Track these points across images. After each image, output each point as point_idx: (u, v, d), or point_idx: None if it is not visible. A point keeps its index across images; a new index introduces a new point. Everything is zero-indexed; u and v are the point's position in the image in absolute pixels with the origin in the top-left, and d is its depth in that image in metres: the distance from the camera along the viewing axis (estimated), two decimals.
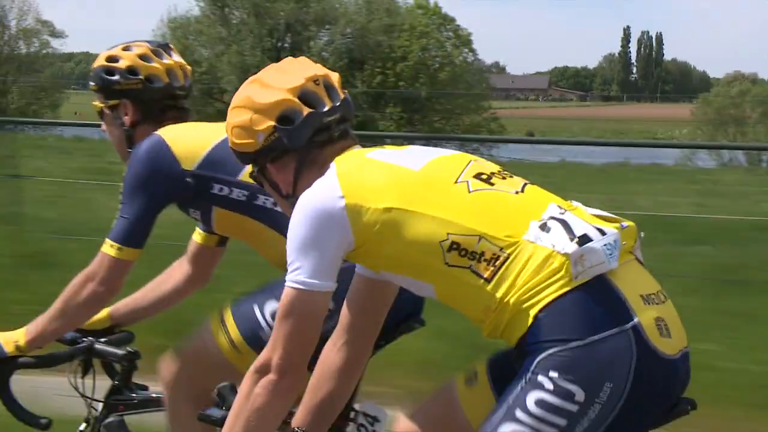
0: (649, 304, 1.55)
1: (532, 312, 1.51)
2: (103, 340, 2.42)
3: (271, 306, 1.99)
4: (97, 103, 2.43)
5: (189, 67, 2.53)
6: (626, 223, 1.64)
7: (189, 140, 2.22)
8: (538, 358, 1.49)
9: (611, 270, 1.52)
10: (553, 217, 1.57)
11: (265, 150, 1.74)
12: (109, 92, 2.39)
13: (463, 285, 1.59)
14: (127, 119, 2.38)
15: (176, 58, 2.49)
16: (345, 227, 1.61)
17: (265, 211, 2.12)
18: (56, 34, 49.08)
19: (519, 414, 1.49)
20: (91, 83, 2.46)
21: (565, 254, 1.51)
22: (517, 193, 1.65)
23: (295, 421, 1.77)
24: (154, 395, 2.42)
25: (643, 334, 1.50)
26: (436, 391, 2.01)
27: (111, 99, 2.40)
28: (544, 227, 1.56)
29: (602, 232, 1.55)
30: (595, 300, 1.51)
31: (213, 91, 41.52)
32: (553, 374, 1.46)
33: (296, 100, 1.72)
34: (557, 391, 1.46)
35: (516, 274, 1.54)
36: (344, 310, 1.81)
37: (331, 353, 1.79)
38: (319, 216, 1.61)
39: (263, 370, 1.66)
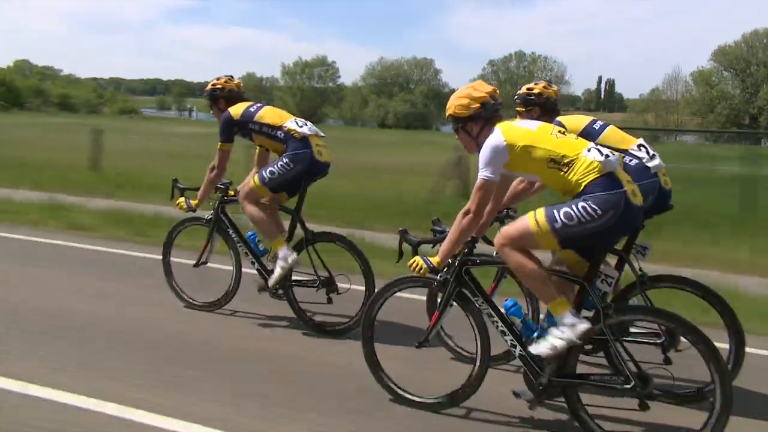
0: (629, 183, 3.31)
1: (583, 184, 3.26)
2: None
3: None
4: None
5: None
6: (618, 153, 3.41)
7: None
8: (583, 196, 3.24)
9: (616, 169, 3.29)
10: (593, 147, 3.36)
11: (470, 117, 3.59)
12: (528, 104, 4.53)
13: (554, 176, 3.37)
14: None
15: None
16: (505, 153, 3.42)
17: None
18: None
19: (572, 207, 3.24)
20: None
21: (600, 161, 3.26)
22: (576, 138, 3.52)
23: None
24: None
25: (628, 194, 3.23)
26: None
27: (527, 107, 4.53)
28: (590, 150, 3.33)
29: (613, 154, 3.33)
30: (609, 179, 3.25)
31: None
32: (590, 202, 3.21)
33: (488, 97, 3.59)
34: (589, 207, 3.20)
35: (577, 169, 3.28)
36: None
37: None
38: (495, 149, 3.43)
39: (467, 212, 3.52)
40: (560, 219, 3.26)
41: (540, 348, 3.45)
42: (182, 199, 5.50)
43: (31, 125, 36.33)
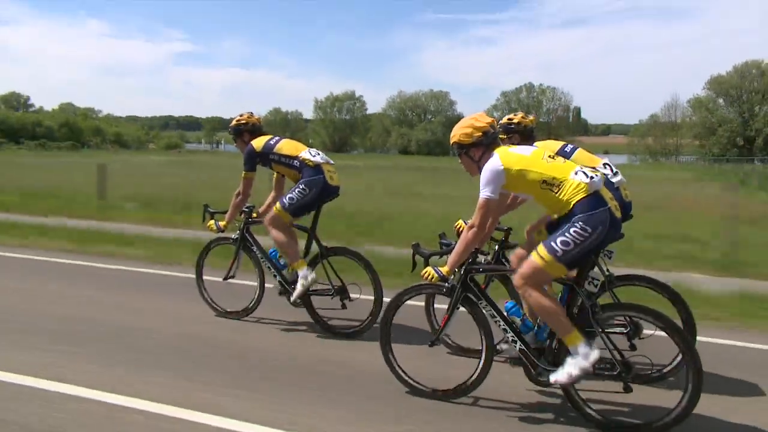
0: (612, 200, 3.43)
1: (572, 203, 3.39)
2: None
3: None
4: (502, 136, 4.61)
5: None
6: (600, 173, 3.50)
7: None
8: (574, 218, 3.35)
9: (600, 188, 3.40)
10: (579, 170, 3.47)
11: (473, 143, 3.71)
12: (509, 132, 4.68)
13: (546, 195, 3.49)
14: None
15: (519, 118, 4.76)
16: (503, 176, 3.53)
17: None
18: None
19: (566, 234, 3.35)
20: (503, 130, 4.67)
21: (586, 183, 3.39)
22: (564, 161, 3.60)
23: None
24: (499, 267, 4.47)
25: (611, 209, 3.38)
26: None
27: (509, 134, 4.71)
28: (576, 173, 3.44)
29: (597, 175, 3.46)
30: (595, 198, 3.37)
31: None
32: (580, 223, 3.33)
33: (489, 126, 3.72)
34: (581, 228, 3.32)
35: (566, 190, 3.41)
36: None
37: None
38: (494, 172, 3.54)
39: (471, 227, 3.62)
40: (559, 248, 3.38)
41: (558, 376, 3.51)
42: (212, 221, 5.76)
43: (150, 164, 33.82)
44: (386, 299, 4.50)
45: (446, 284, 3.91)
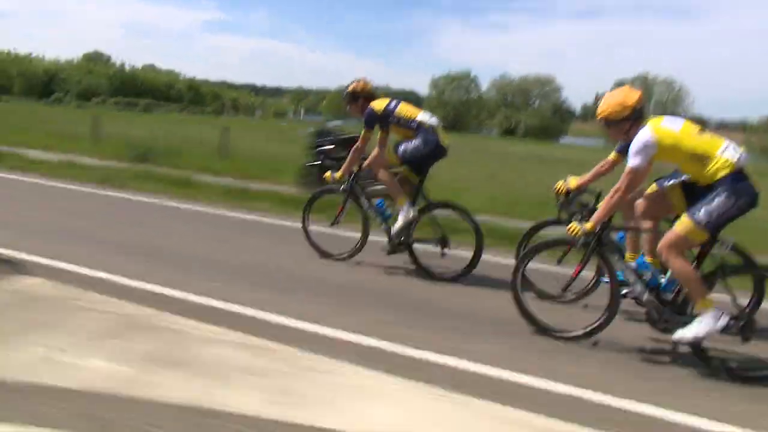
0: (752, 175, 3.65)
1: (717, 176, 3.65)
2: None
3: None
4: None
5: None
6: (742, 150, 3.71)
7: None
8: (720, 188, 3.64)
9: (745, 166, 3.65)
10: (728, 146, 3.70)
11: (624, 118, 3.89)
12: None
13: (694, 167, 3.77)
14: None
15: None
16: (654, 148, 3.73)
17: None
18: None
19: (711, 203, 3.67)
20: None
21: (734, 161, 3.65)
22: (711, 137, 3.78)
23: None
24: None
25: (754, 184, 3.65)
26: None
27: None
28: (725, 150, 3.69)
29: (743, 153, 3.69)
30: (740, 173, 3.64)
31: None
32: (726, 193, 3.61)
33: (638, 103, 3.88)
34: (726, 197, 3.61)
35: (715, 165, 3.67)
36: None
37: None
38: (647, 144, 3.74)
39: (617, 190, 3.92)
40: (703, 217, 3.71)
41: (685, 333, 3.84)
42: (329, 172, 6.08)
43: None
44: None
45: (582, 239, 4.18)
